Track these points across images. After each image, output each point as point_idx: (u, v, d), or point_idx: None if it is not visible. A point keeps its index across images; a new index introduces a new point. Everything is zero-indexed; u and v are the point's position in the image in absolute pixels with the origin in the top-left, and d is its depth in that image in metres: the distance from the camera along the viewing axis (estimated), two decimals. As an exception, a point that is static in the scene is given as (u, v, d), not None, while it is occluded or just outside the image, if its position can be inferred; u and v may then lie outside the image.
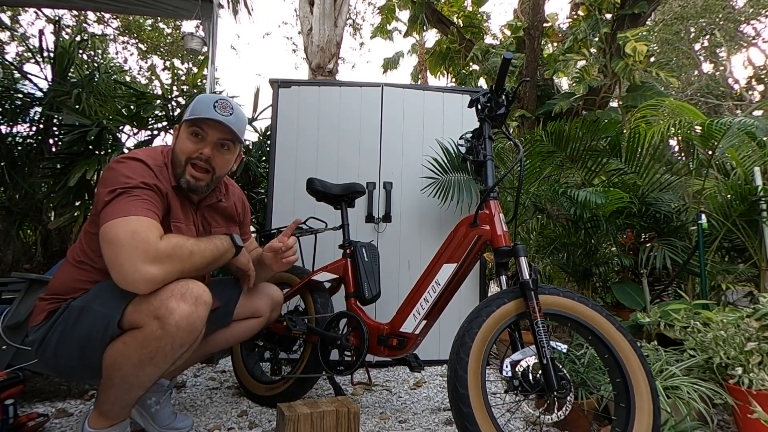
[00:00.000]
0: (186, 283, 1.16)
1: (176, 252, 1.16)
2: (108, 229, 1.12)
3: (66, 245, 2.87)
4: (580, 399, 1.62)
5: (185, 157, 1.31)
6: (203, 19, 3.41)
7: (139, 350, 1.13)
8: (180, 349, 1.17)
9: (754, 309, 1.63)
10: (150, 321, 1.12)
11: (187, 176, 1.31)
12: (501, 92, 1.56)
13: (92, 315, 1.17)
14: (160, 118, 3.04)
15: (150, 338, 1.12)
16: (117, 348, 1.15)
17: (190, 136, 1.32)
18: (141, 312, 1.13)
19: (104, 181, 1.21)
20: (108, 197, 1.16)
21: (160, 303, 1.12)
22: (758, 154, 2.50)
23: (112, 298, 1.17)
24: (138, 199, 1.18)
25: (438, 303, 1.58)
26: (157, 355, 1.14)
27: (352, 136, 2.61)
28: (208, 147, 1.32)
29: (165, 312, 1.11)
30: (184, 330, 1.14)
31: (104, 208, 1.16)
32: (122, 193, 1.17)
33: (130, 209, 1.15)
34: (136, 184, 1.20)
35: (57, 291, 1.27)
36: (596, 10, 5.23)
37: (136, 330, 1.14)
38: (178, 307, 1.12)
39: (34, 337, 1.24)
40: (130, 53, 11.01)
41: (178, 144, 1.34)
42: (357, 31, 13.64)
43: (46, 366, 1.27)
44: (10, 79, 3.14)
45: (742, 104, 11.19)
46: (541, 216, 3.15)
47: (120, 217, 1.13)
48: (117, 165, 1.24)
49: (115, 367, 1.16)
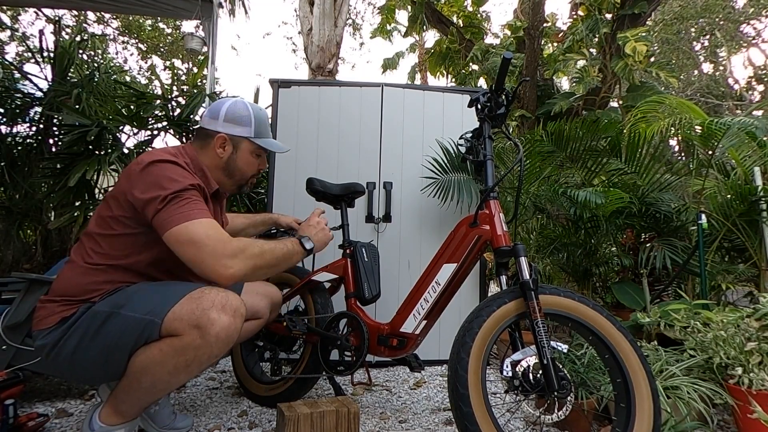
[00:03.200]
0: (226, 295, 1.19)
1: (247, 249, 1.23)
2: (180, 231, 1.18)
3: (66, 245, 2.87)
4: (580, 399, 1.62)
5: (251, 173, 1.51)
6: (203, 19, 3.41)
7: (175, 358, 1.14)
8: (215, 359, 1.19)
9: (754, 309, 1.63)
10: (190, 330, 1.13)
11: (248, 186, 1.54)
12: (501, 92, 1.56)
13: (124, 321, 1.16)
14: (160, 118, 3.04)
15: (189, 347, 1.13)
16: (151, 354, 1.15)
17: (254, 157, 1.50)
18: (182, 320, 1.13)
19: (147, 186, 1.21)
20: (161, 204, 1.20)
21: (201, 313, 1.13)
22: (758, 154, 2.50)
23: (148, 304, 1.17)
24: (191, 202, 1.23)
25: (438, 303, 1.58)
26: (193, 363, 1.16)
27: (351, 136, 2.61)
28: (264, 163, 1.55)
29: (206, 322, 1.13)
30: (222, 341, 1.16)
31: (160, 213, 1.19)
32: (174, 198, 1.21)
33: (191, 213, 1.21)
34: (185, 187, 1.24)
35: (68, 293, 1.25)
36: (596, 10, 5.23)
37: (174, 338, 1.14)
38: (219, 319, 1.14)
39: (43, 342, 1.22)
40: (130, 53, 11.02)
41: (242, 161, 1.47)
42: (357, 31, 13.65)
43: (58, 370, 1.27)
44: (10, 79, 3.14)
45: (742, 104, 11.19)
46: (541, 216, 3.14)
47: (187, 221, 1.19)
48: (155, 168, 1.24)
49: (146, 372, 1.16)
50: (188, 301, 1.15)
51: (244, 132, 1.45)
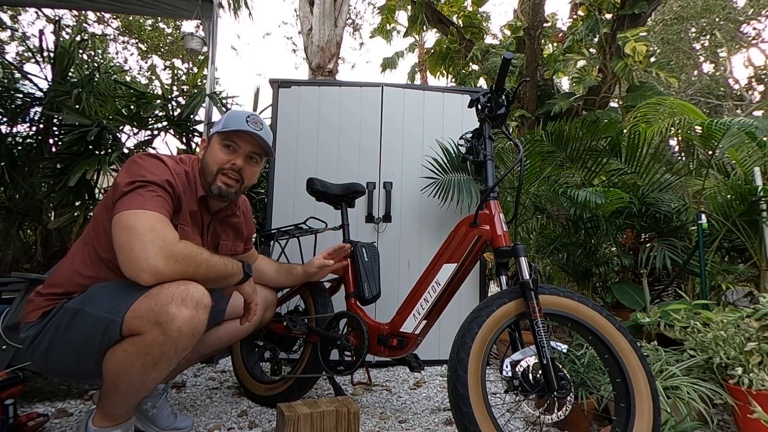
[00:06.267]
0: (186, 287, 1.15)
1: (189, 257, 1.18)
2: (125, 216, 1.16)
3: (66, 245, 2.87)
4: (580, 399, 1.62)
5: (217, 167, 1.38)
6: (203, 19, 3.41)
7: (142, 357, 1.12)
8: (183, 353, 1.17)
9: (754, 309, 1.63)
10: (151, 327, 1.10)
11: (218, 183, 1.38)
12: (501, 92, 1.56)
13: (88, 318, 1.15)
14: (160, 118, 3.04)
15: (152, 345, 1.11)
16: (118, 356, 1.14)
17: (222, 148, 1.39)
18: (141, 318, 1.11)
19: (124, 172, 1.25)
20: (127, 188, 1.20)
21: (160, 309, 1.10)
22: (758, 154, 2.50)
23: (109, 302, 1.16)
24: (155, 195, 1.22)
25: (438, 303, 1.58)
26: (161, 360, 1.14)
27: (352, 136, 2.61)
28: (240, 158, 1.40)
29: (166, 318, 1.10)
30: (186, 335, 1.13)
31: (122, 198, 1.19)
32: (141, 187, 1.21)
33: (147, 204, 1.19)
34: (155, 180, 1.24)
35: (55, 284, 1.26)
36: (596, 10, 5.22)
37: (137, 337, 1.12)
38: (180, 313, 1.11)
39: (25, 335, 1.22)
40: (130, 53, 11.02)
41: (210, 154, 1.40)
42: (357, 31, 13.64)
43: (37, 366, 1.26)
44: (10, 79, 3.14)
45: (742, 104, 11.19)
46: (541, 216, 3.14)
47: (139, 209, 1.17)
48: (140, 160, 1.28)
49: (119, 375, 1.15)
50: (146, 298, 1.12)
51: (216, 128, 1.43)
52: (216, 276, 1.26)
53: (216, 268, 1.26)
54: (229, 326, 1.62)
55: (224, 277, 1.30)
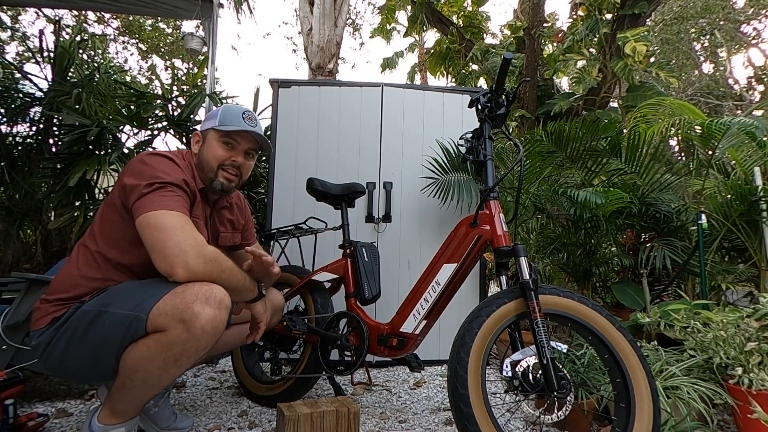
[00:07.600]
0: (210, 287, 1.19)
1: (216, 261, 1.22)
2: (153, 217, 1.19)
3: (66, 245, 2.87)
4: (580, 399, 1.62)
5: (217, 164, 1.42)
6: (203, 19, 3.42)
7: (164, 353, 1.15)
8: (203, 351, 1.20)
9: (754, 309, 1.63)
10: (175, 324, 1.13)
11: (220, 179, 1.42)
12: (501, 92, 1.56)
13: (111, 319, 1.17)
14: (160, 118, 3.04)
15: (176, 341, 1.14)
16: (139, 350, 1.16)
17: (222, 145, 1.43)
18: (166, 315, 1.14)
19: (138, 174, 1.25)
20: (146, 189, 1.22)
21: (185, 306, 1.14)
22: (758, 154, 2.50)
23: (131, 301, 1.18)
24: (175, 196, 1.25)
25: (438, 303, 1.58)
26: (181, 357, 1.16)
27: (352, 136, 2.61)
28: (240, 155, 1.45)
29: (191, 316, 1.13)
30: (209, 333, 1.16)
31: (141, 199, 1.21)
32: (161, 188, 1.23)
33: (171, 204, 1.22)
34: (173, 181, 1.26)
35: (61, 290, 1.27)
36: (596, 10, 5.23)
37: (160, 333, 1.15)
38: (204, 311, 1.15)
39: (37, 342, 1.24)
40: (130, 53, 11.01)
41: (208, 151, 1.43)
42: (357, 31, 13.64)
43: (52, 370, 1.28)
44: (10, 79, 3.14)
45: (742, 104, 11.19)
46: (541, 216, 3.15)
47: (165, 210, 1.20)
48: (150, 160, 1.29)
49: (137, 370, 1.17)
50: (172, 296, 1.15)
51: (211, 123, 1.45)
52: (234, 285, 1.29)
53: (236, 278, 1.29)
54: (237, 330, 1.62)
55: (241, 289, 1.32)
